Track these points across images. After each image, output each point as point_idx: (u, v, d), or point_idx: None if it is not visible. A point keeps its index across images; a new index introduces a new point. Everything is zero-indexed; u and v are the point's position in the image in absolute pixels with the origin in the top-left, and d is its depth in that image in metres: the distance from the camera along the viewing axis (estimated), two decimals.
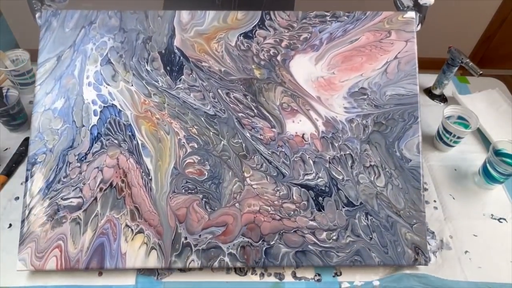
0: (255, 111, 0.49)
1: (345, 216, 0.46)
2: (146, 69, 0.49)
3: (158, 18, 0.50)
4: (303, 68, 0.50)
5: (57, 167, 0.46)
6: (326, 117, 0.49)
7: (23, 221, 0.44)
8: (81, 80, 0.48)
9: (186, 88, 0.49)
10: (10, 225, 0.53)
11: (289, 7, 0.73)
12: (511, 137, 0.60)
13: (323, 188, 0.47)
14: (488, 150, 0.56)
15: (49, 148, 0.46)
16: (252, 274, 0.48)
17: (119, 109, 0.48)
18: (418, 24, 0.52)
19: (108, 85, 0.49)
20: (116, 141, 0.47)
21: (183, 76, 0.49)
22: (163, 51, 0.50)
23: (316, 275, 0.49)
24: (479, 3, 1.41)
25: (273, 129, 0.48)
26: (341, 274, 0.48)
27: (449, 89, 0.76)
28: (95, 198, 0.45)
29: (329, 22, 0.51)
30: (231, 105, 0.49)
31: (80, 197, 0.45)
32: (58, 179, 0.45)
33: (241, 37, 0.50)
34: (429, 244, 0.50)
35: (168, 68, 0.49)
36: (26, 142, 0.63)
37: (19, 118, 0.63)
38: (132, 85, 0.49)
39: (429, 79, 0.76)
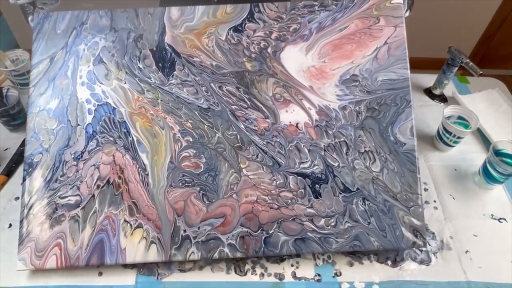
0: (248, 103, 0.52)
1: (342, 202, 0.49)
2: (139, 66, 0.52)
3: (148, 15, 0.53)
4: (294, 59, 0.53)
5: (54, 166, 0.48)
6: (319, 105, 0.52)
7: (21, 221, 0.47)
8: (75, 80, 0.51)
9: (179, 83, 0.52)
10: (10, 225, 0.55)
11: None
12: (511, 137, 0.63)
13: (319, 176, 0.49)
14: (488, 150, 0.59)
15: (45, 148, 0.49)
16: (252, 274, 0.51)
17: (113, 107, 0.51)
18: (406, 10, 0.55)
19: (102, 83, 0.51)
20: (111, 138, 0.49)
21: (175, 72, 0.52)
22: (155, 48, 0.53)
23: (316, 275, 0.51)
24: (479, 3, 1.47)
25: (267, 120, 0.51)
26: (341, 274, 0.51)
27: (449, 89, 0.79)
28: (93, 195, 0.47)
29: (317, 11, 0.54)
30: (224, 98, 0.52)
31: (77, 195, 0.47)
32: (55, 178, 0.48)
33: (231, 31, 0.53)
34: (429, 245, 0.53)
35: (160, 64, 0.52)
36: None
37: (19, 118, 0.66)
38: (125, 83, 0.51)
39: (429, 79, 0.79)
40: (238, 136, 0.50)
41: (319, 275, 0.51)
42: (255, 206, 0.48)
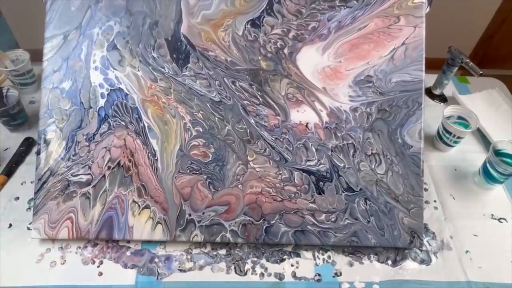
0: (260, 99, 0.71)
1: (344, 200, 0.68)
2: (153, 55, 0.71)
3: None
4: (310, 60, 0.69)
5: (67, 146, 0.68)
6: (330, 107, 0.70)
7: (36, 193, 0.66)
8: (88, 64, 0.71)
9: (192, 76, 0.71)
10: (10, 225, 0.69)
11: None
12: (511, 137, 0.80)
13: (324, 174, 0.69)
14: (488, 150, 0.75)
15: (59, 127, 0.69)
16: (252, 274, 0.65)
17: (126, 93, 0.70)
18: (427, 7, 0.73)
19: (115, 69, 0.71)
20: (123, 123, 0.69)
21: (189, 64, 0.71)
22: (170, 38, 0.71)
23: (316, 275, 0.67)
24: (479, 3, 1.80)
25: (278, 117, 0.70)
26: (341, 274, 0.67)
27: (449, 89, 0.99)
28: (104, 176, 0.67)
29: (338, 7, 0.72)
30: (237, 93, 0.71)
31: (89, 174, 0.67)
32: (68, 157, 0.67)
33: (249, 26, 0.71)
34: (430, 245, 0.70)
35: (174, 55, 0.71)
36: (26, 142, 0.82)
37: (19, 118, 0.82)
38: (138, 70, 0.71)
39: (429, 79, 0.97)
40: (248, 130, 0.70)
41: (319, 275, 0.67)
42: (259, 197, 0.67)
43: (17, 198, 0.73)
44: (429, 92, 0.99)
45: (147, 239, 0.66)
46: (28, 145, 0.82)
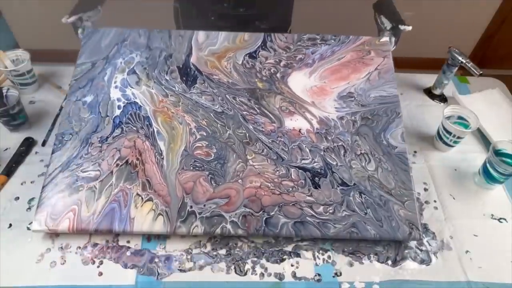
0: (258, 110, 0.80)
1: (340, 194, 0.70)
2: (166, 78, 0.83)
3: (179, 37, 0.87)
4: (299, 82, 0.84)
5: (81, 146, 0.73)
6: (319, 117, 0.80)
7: (43, 187, 0.68)
8: (110, 84, 0.82)
9: (199, 93, 0.82)
10: (10, 225, 0.69)
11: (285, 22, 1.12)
12: (511, 137, 0.80)
13: (319, 171, 0.73)
14: (488, 150, 0.75)
15: (75, 131, 0.75)
16: (252, 274, 0.66)
17: (140, 105, 0.79)
18: (393, 46, 0.90)
19: (132, 88, 0.81)
20: (134, 128, 0.76)
21: (196, 85, 0.83)
22: (181, 66, 0.85)
23: (316, 275, 0.67)
24: (479, 3, 1.80)
25: (273, 124, 0.78)
26: (341, 274, 0.67)
27: (449, 89, 0.98)
28: (111, 172, 0.70)
29: (319, 44, 0.89)
30: (237, 105, 0.80)
31: (98, 170, 0.71)
32: (80, 155, 0.72)
33: (247, 57, 0.87)
34: (430, 245, 0.70)
35: (184, 78, 0.83)
36: (26, 142, 0.82)
37: (19, 118, 0.82)
38: (152, 89, 0.82)
39: (429, 79, 0.99)
40: (247, 134, 0.76)
41: (319, 275, 0.66)
42: (258, 190, 0.70)
43: (17, 198, 0.73)
44: (429, 92, 0.98)
45: (147, 231, 0.66)
46: (28, 145, 0.81)
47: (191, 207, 0.67)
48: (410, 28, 0.86)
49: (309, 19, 1.45)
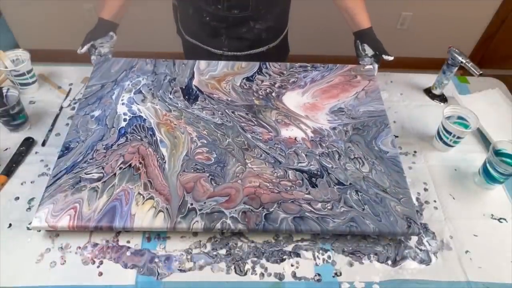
0: (255, 122, 0.84)
1: (337, 192, 0.71)
2: (169, 97, 0.89)
3: (182, 65, 0.95)
4: (293, 99, 0.90)
5: (86, 152, 0.75)
6: (313, 127, 0.84)
7: (47, 187, 0.69)
8: (117, 101, 0.87)
9: (200, 108, 0.87)
10: (10, 225, 0.68)
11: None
12: (511, 137, 0.79)
13: (315, 172, 0.74)
14: (488, 150, 0.74)
15: (82, 140, 0.78)
16: (252, 274, 0.64)
17: (144, 118, 0.83)
18: (375, 71, 0.98)
19: (138, 104, 0.87)
20: (138, 137, 0.79)
21: (197, 102, 0.88)
22: (183, 87, 0.91)
23: (316, 275, 0.66)
24: (479, 3, 1.79)
25: (270, 133, 0.82)
26: (341, 274, 0.66)
27: (449, 89, 0.97)
28: (114, 174, 0.71)
29: (310, 70, 0.97)
30: (236, 118, 0.85)
31: (101, 172, 0.71)
32: (85, 160, 0.73)
33: (244, 80, 0.94)
34: (430, 245, 0.69)
35: (186, 97, 0.89)
36: (26, 142, 0.81)
37: (19, 118, 0.81)
38: (157, 105, 0.86)
39: (429, 79, 0.98)
40: (246, 142, 0.79)
41: (319, 275, 0.65)
42: (258, 190, 0.70)
43: (17, 198, 0.72)
44: (429, 92, 0.98)
45: (147, 227, 0.65)
46: (28, 145, 0.80)
47: (191, 204, 0.68)
48: (392, 58, 0.92)
49: (307, 18, 1.46)
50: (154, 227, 0.65)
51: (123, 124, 0.81)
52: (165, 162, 0.74)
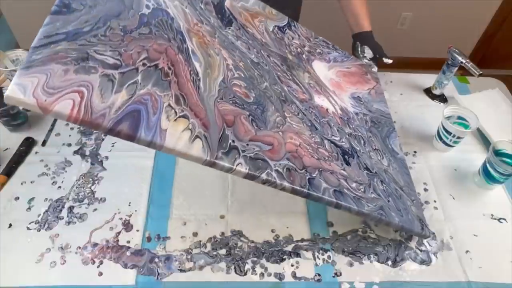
0: (290, 77, 0.73)
1: (366, 177, 0.68)
2: (200, 6, 0.70)
3: None
4: (321, 69, 0.82)
5: (96, 25, 0.51)
6: (341, 105, 0.78)
7: (36, 47, 0.43)
8: None
9: (234, 35, 0.71)
10: (10, 225, 0.67)
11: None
12: (511, 137, 0.77)
13: (347, 150, 0.69)
14: (488, 150, 0.72)
15: (89, 5, 0.53)
16: (252, 274, 0.63)
17: (172, 16, 0.63)
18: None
19: None
20: (166, 36, 0.58)
21: (231, 27, 0.72)
22: (215, 3, 0.73)
23: (316, 275, 0.63)
24: (479, 3, 1.77)
25: (305, 94, 0.73)
26: (341, 274, 0.63)
27: (449, 89, 0.96)
28: (136, 68, 0.50)
29: (332, 49, 0.92)
30: (271, 64, 0.72)
31: (118, 59, 0.49)
32: (94, 34, 0.50)
33: (276, 28, 0.82)
34: (430, 245, 0.68)
35: (219, 16, 0.71)
36: (26, 142, 0.79)
37: (19, 118, 0.81)
38: (186, 8, 0.67)
39: (429, 79, 0.96)
40: (283, 93, 0.69)
41: (319, 275, 0.63)
42: (299, 149, 0.61)
43: (17, 198, 0.71)
44: (429, 92, 0.96)
45: (182, 152, 0.48)
46: (28, 145, 0.79)
47: (233, 141, 0.54)
48: (391, 61, 0.92)
49: (318, 19, 1.41)
50: (190, 155, 0.49)
51: (146, 11, 0.60)
52: (199, 80, 0.57)
